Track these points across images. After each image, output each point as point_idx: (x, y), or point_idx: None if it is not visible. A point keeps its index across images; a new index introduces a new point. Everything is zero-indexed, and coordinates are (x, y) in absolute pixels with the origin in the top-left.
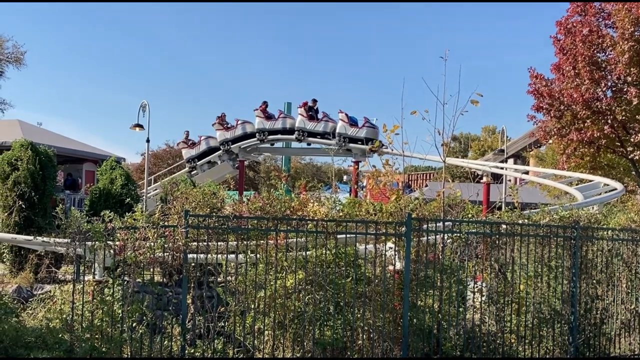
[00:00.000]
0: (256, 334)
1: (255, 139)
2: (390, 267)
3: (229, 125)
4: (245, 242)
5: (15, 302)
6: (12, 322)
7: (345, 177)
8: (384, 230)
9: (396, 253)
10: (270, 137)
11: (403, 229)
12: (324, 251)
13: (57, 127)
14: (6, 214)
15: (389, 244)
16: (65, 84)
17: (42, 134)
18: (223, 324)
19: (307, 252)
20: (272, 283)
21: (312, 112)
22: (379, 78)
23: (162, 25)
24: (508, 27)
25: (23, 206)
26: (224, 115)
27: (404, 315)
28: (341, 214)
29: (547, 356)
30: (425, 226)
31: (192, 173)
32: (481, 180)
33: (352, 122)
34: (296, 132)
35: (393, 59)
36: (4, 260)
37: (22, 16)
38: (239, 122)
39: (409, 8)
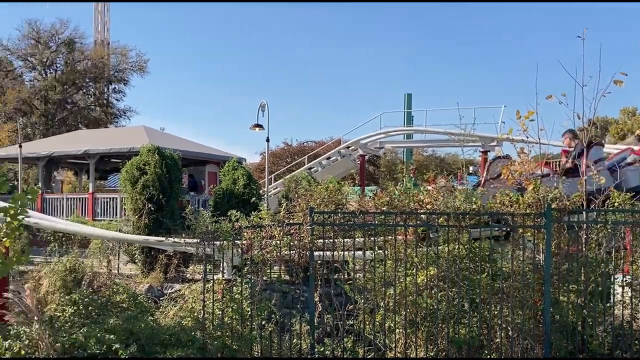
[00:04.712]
0: (387, 333)
1: None
2: (529, 261)
3: None
4: (372, 238)
5: (149, 301)
6: (148, 320)
7: (471, 168)
8: (521, 223)
9: (535, 246)
10: None
11: (542, 220)
12: (456, 246)
13: (178, 131)
14: (137, 217)
15: (527, 237)
16: (184, 89)
17: (166, 138)
18: (352, 322)
19: (439, 247)
20: (401, 280)
21: None
22: (510, 63)
23: (280, 24)
24: None
25: (152, 208)
26: None
27: (545, 311)
28: (474, 206)
29: None
30: (566, 217)
31: (312, 170)
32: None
33: None
34: None
35: (523, 42)
36: (136, 260)
37: (140, 24)
38: None
39: None
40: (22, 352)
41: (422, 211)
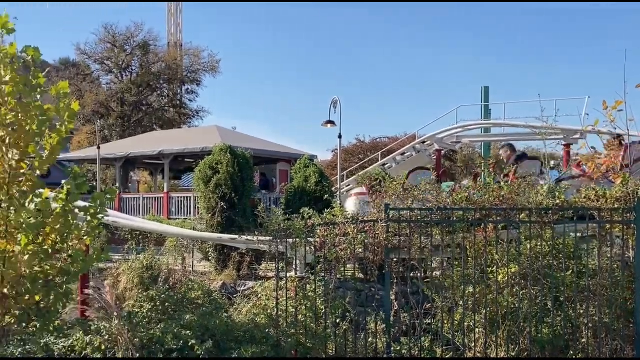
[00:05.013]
0: (466, 332)
1: None
2: (618, 259)
3: None
4: (450, 236)
5: (223, 298)
6: (222, 317)
7: (552, 162)
8: (609, 218)
9: (624, 243)
10: None
11: (632, 215)
12: (539, 242)
13: (248, 130)
14: (210, 215)
15: (615, 233)
16: (253, 88)
17: (238, 137)
18: (429, 321)
19: (520, 245)
20: (481, 278)
21: None
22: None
23: (347, 22)
24: None
25: (224, 207)
26: None
27: (636, 310)
28: (558, 201)
29: None
30: None
31: (386, 166)
32: None
33: None
34: None
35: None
36: (210, 258)
37: (212, 24)
38: None
39: None
40: (102, 347)
41: (502, 207)
